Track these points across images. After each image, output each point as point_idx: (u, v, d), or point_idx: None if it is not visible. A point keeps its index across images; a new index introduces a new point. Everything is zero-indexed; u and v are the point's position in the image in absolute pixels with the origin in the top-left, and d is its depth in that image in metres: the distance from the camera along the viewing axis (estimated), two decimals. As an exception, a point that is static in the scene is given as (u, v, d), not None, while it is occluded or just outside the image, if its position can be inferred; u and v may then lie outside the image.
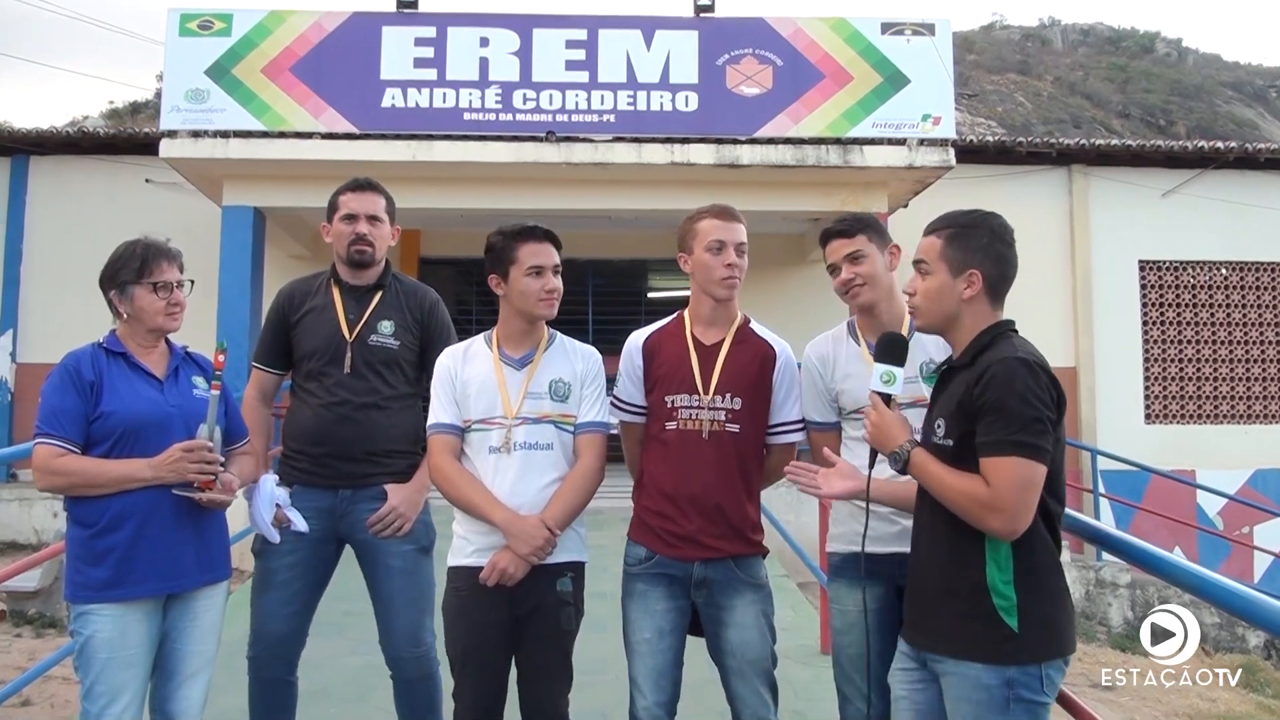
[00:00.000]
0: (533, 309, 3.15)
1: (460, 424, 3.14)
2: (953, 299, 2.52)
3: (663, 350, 3.21)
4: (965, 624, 2.40)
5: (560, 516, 3.07)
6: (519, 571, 3.02)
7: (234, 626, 3.64)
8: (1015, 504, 2.28)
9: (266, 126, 10.21)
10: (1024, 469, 2.28)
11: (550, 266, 3.15)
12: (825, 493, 2.80)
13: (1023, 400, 2.30)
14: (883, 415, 2.59)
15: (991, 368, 2.36)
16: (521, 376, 3.16)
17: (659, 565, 3.10)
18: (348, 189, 3.68)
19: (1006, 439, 2.29)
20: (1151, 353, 13.76)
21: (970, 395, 2.37)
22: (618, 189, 10.71)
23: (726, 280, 3.14)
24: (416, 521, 3.57)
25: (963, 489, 2.35)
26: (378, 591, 3.56)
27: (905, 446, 2.52)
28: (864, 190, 10.76)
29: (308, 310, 3.64)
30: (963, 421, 2.40)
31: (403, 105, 10.30)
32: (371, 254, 3.64)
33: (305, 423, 3.56)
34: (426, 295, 3.76)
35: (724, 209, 3.22)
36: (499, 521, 3.01)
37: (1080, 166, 13.78)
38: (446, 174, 10.46)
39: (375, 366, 3.57)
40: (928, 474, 2.45)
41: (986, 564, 2.37)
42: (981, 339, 2.49)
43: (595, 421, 3.20)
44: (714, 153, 10.31)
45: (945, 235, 2.56)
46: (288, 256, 12.53)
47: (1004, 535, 2.32)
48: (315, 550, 3.53)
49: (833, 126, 10.48)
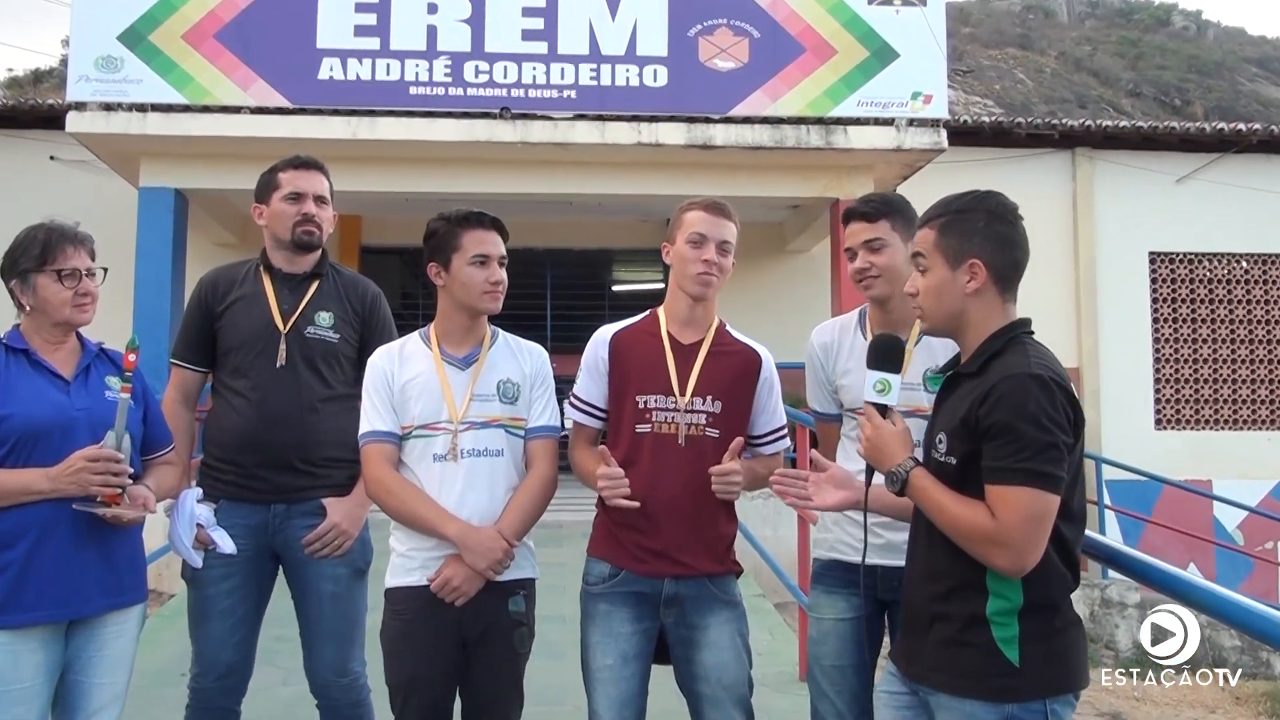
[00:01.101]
0: (476, 302, 3.15)
1: (398, 431, 3.14)
2: (956, 295, 2.45)
3: (634, 348, 3.22)
4: (960, 656, 2.37)
5: (517, 528, 3.08)
6: (471, 588, 3.02)
7: (151, 655, 3.61)
8: (1023, 539, 2.23)
9: (188, 99, 10.13)
10: (1034, 501, 2.22)
11: (496, 257, 3.16)
12: (818, 505, 2.72)
13: (1035, 423, 2.23)
14: (879, 430, 2.49)
15: (1001, 384, 2.28)
16: (466, 377, 3.16)
17: (625, 583, 3.11)
18: (290, 166, 3.67)
19: (1015, 466, 2.23)
20: (1163, 353, 13.93)
21: (975, 413, 2.31)
22: (579, 172, 10.72)
23: (700, 276, 3.14)
24: (354, 540, 3.56)
25: (966, 520, 2.29)
26: (305, 615, 3.55)
27: (904, 466, 2.43)
28: (848, 174, 10.83)
29: (235, 299, 3.61)
30: (967, 440, 2.34)
31: (341, 77, 10.26)
32: (319, 237, 3.64)
33: (231, 427, 3.52)
34: (368, 287, 3.75)
35: (716, 203, 3.22)
36: (453, 535, 3.01)
37: (1085, 150, 13.95)
38: (390, 154, 10.43)
39: (312, 361, 3.55)
40: (928, 500, 2.38)
41: (989, 593, 2.34)
42: (992, 343, 2.42)
43: (548, 426, 3.22)
44: (685, 132, 10.35)
45: (938, 224, 2.50)
46: (213, 244, 12.43)
47: (1010, 573, 2.28)
48: (253, 570, 3.51)
49: (814, 105, 10.54)
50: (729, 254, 3.19)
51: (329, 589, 3.50)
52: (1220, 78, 35.76)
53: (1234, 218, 13.85)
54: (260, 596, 3.57)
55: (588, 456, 3.25)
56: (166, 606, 7.04)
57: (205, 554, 3.39)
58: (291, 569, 3.55)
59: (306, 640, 3.55)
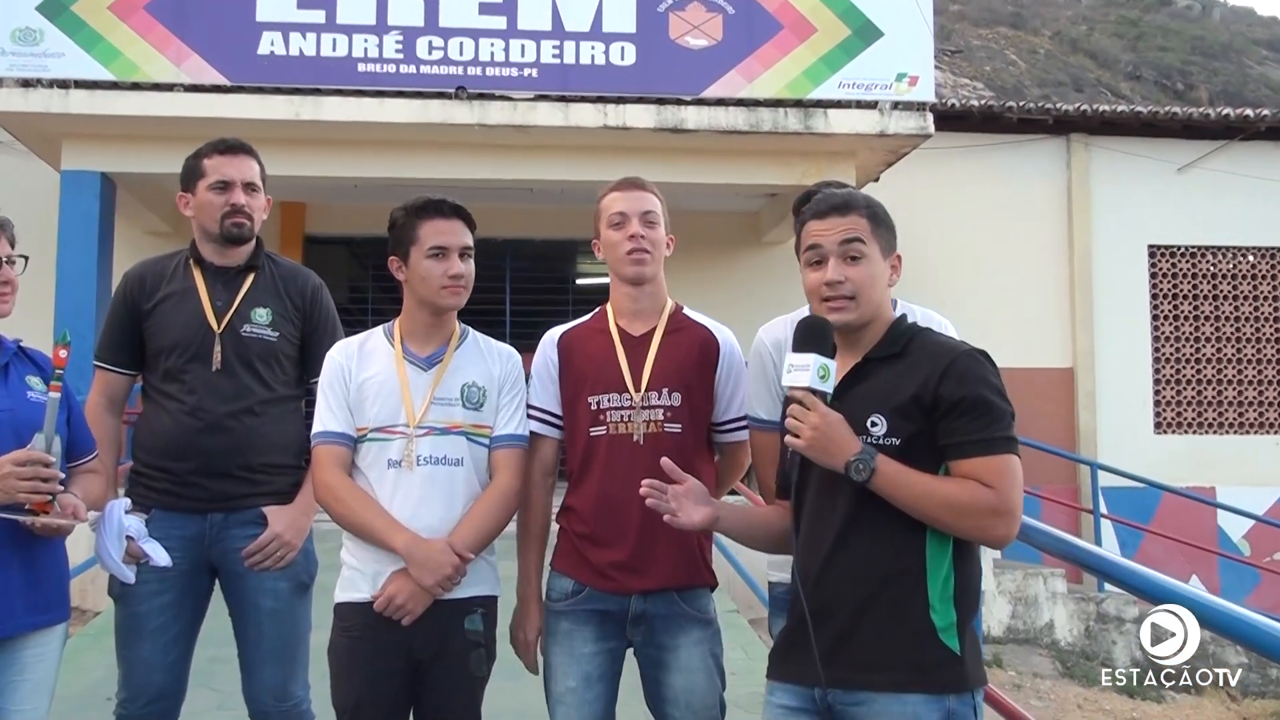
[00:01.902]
0: (434, 297, 3.15)
1: (352, 433, 3.13)
2: (882, 287, 2.63)
3: (582, 346, 3.24)
4: (905, 649, 2.41)
5: (471, 541, 3.07)
6: (417, 606, 3.01)
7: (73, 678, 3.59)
8: (1018, 504, 2.39)
9: (116, 76, 10.03)
10: (1018, 467, 2.41)
11: (457, 248, 3.16)
12: (684, 522, 2.73)
13: (1000, 394, 2.43)
14: (826, 418, 2.44)
15: (956, 361, 2.45)
16: (428, 379, 3.16)
17: (589, 600, 3.11)
18: (215, 151, 3.65)
19: (998, 436, 2.40)
20: (1163, 352, 14.05)
21: (934, 391, 2.42)
22: (541, 156, 10.70)
23: (632, 255, 3.16)
24: (297, 552, 3.55)
25: (964, 497, 2.37)
26: (243, 633, 3.54)
27: (868, 453, 2.41)
28: (828, 160, 10.85)
29: (164, 297, 3.60)
30: (916, 419, 2.43)
31: (284, 53, 10.18)
32: (250, 228, 3.63)
33: (164, 432, 3.51)
34: (308, 279, 3.75)
35: (627, 180, 3.29)
36: (400, 547, 3.00)
37: (1081, 136, 14.04)
38: (337, 136, 10.37)
39: (250, 362, 3.55)
40: (908, 484, 2.39)
41: (927, 578, 2.43)
42: (902, 328, 2.61)
43: (515, 434, 3.21)
44: (654, 115, 10.34)
45: (867, 214, 2.61)
46: (143, 233, 12.32)
47: (1004, 541, 2.44)
48: (188, 585, 3.49)
49: (792, 86, 10.56)
50: (657, 225, 3.21)
51: (269, 605, 3.49)
52: (1226, 60, 36.06)
53: (1240, 209, 13.94)
54: (195, 613, 3.56)
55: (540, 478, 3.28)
56: (91, 625, 6.97)
57: (137, 568, 3.36)
58: (229, 583, 3.54)
59: (245, 661, 3.54)
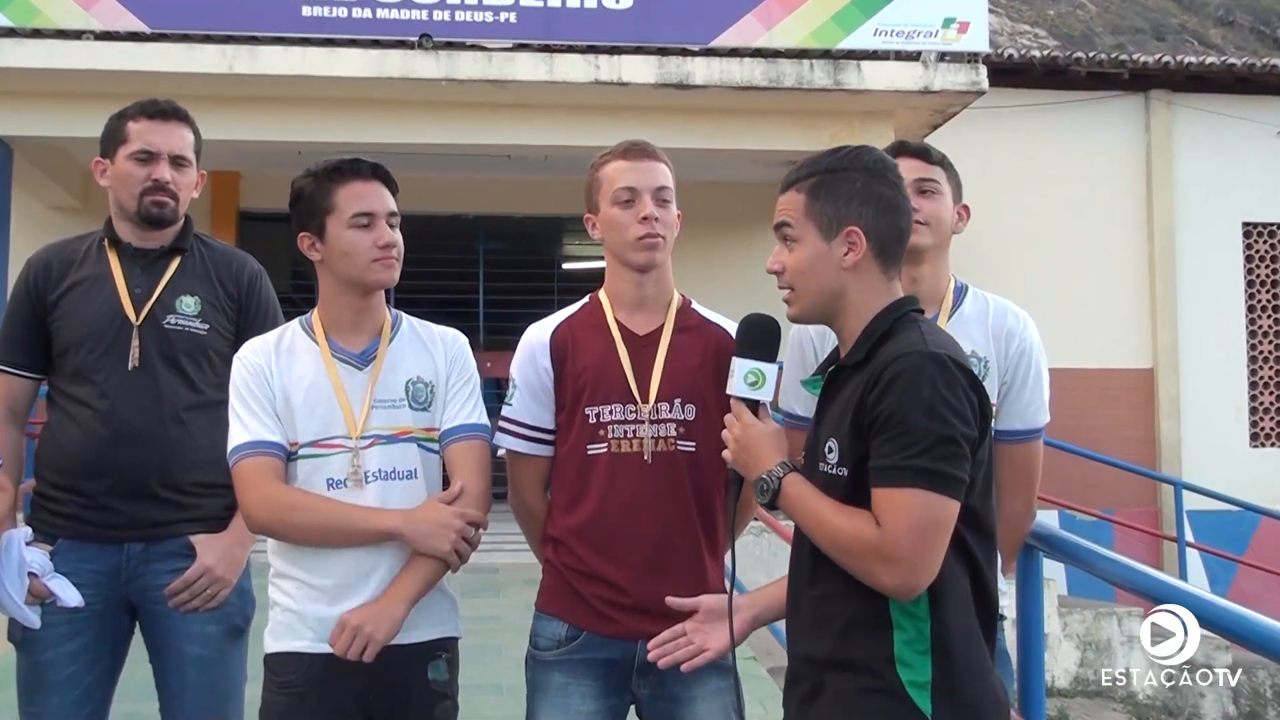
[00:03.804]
0: (363, 274, 3.10)
1: (285, 443, 3.09)
2: (830, 270, 2.55)
3: (579, 346, 3.21)
4: (861, 708, 2.43)
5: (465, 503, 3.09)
6: (386, 630, 2.94)
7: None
8: (912, 551, 2.31)
9: (11, 20, 10.02)
10: (927, 505, 2.31)
11: (383, 214, 3.10)
12: (713, 655, 2.85)
13: (929, 412, 2.32)
14: (748, 429, 2.61)
15: (891, 365, 2.38)
16: (365, 378, 3.13)
17: (587, 647, 3.10)
18: (140, 113, 3.62)
19: (904, 464, 2.32)
20: (1260, 349, 14.08)
21: (864, 404, 2.40)
22: (520, 118, 10.70)
23: (645, 240, 3.15)
24: (231, 590, 3.54)
25: (846, 531, 2.38)
26: (166, 684, 3.54)
27: (775, 472, 2.53)
28: (862, 122, 10.86)
29: (73, 284, 3.59)
30: (858, 442, 2.42)
31: (214, -6, 10.21)
32: (173, 209, 3.61)
33: (72, 445, 3.50)
34: (244, 264, 3.74)
35: (633, 145, 3.24)
36: (397, 527, 2.98)
37: (1162, 93, 14.05)
38: (277, 92, 10.40)
39: (175, 360, 3.54)
40: (804, 510, 2.48)
41: (893, 625, 2.41)
42: (877, 325, 2.52)
43: (471, 425, 3.18)
44: (655, 68, 10.35)
45: (807, 185, 2.59)
46: (47, 208, 12.37)
47: (899, 593, 2.36)
48: (103, 629, 3.49)
49: (819, 34, 10.56)
50: (670, 203, 3.20)
51: (196, 652, 3.49)
52: (1338, 2, 36.04)
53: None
54: (113, 661, 3.55)
55: (534, 493, 3.27)
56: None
57: (42, 609, 3.35)
58: (151, 626, 3.54)
59: (168, 716, 3.54)
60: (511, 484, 3.31)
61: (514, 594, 7.54)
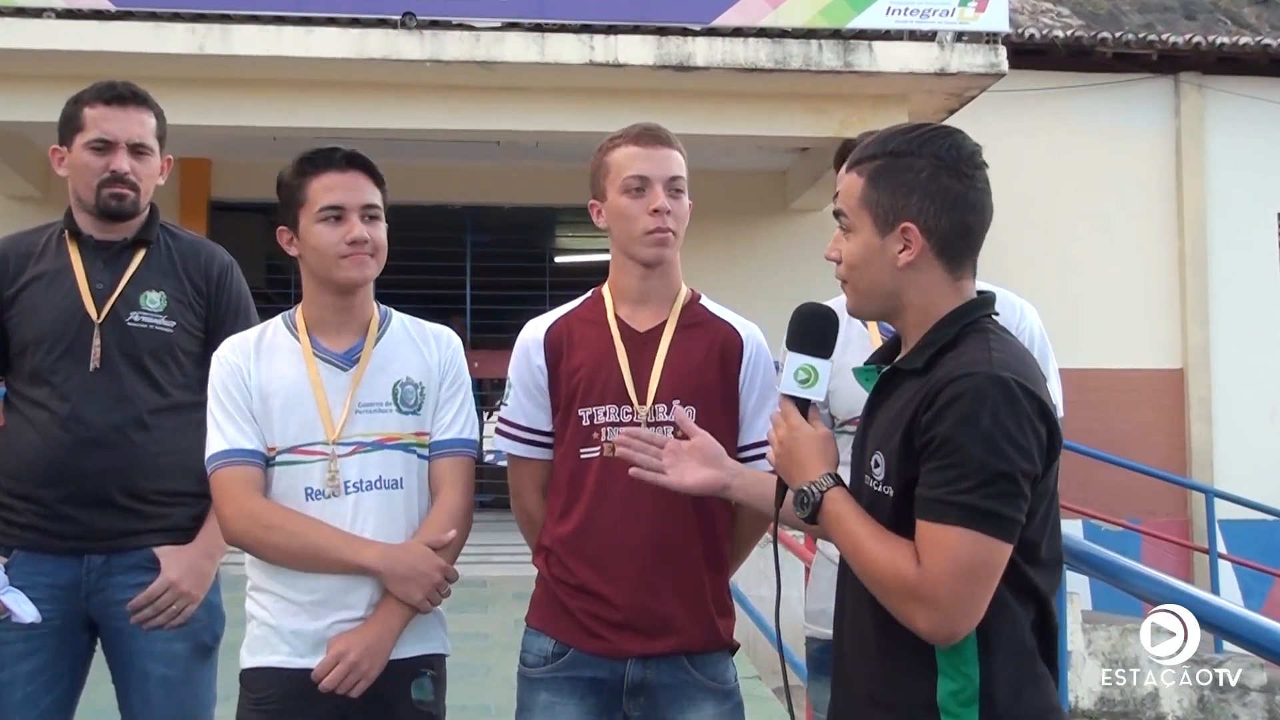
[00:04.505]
0: (331, 271, 3.09)
1: (264, 450, 3.10)
2: (886, 268, 2.43)
3: (575, 344, 3.20)
4: None
5: (447, 553, 3.09)
6: (375, 665, 2.96)
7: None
8: (952, 597, 2.21)
9: (-32, -2, 10.03)
10: (973, 547, 2.20)
11: (356, 206, 3.08)
12: (673, 482, 2.81)
13: (989, 444, 2.19)
14: (794, 431, 2.49)
15: (950, 386, 2.25)
16: (348, 379, 3.13)
17: (574, 664, 3.09)
18: (96, 99, 3.61)
19: (954, 499, 2.21)
20: (1299, 348, 14.02)
21: (917, 423, 2.30)
22: (510, 101, 10.70)
23: (655, 235, 3.13)
24: (198, 606, 3.53)
25: (883, 564, 2.29)
26: (129, 706, 3.53)
27: (819, 485, 2.41)
28: (873, 106, 10.85)
29: (31, 278, 3.58)
30: (909, 461, 2.32)
31: (183, -30, 10.20)
32: (134, 201, 3.59)
33: (29, 451, 3.50)
34: (214, 257, 3.73)
35: (646, 130, 3.22)
36: (373, 563, 2.98)
37: (1193, 76, 14.06)
38: (251, 74, 10.39)
39: (138, 359, 3.53)
40: (844, 532, 2.37)
41: (938, 671, 2.33)
42: (942, 331, 2.40)
43: (459, 440, 3.20)
44: (654, 49, 10.35)
45: (869, 169, 2.46)
46: (6, 197, 12.39)
47: (934, 639, 2.26)
48: (61, 646, 3.48)
49: (828, 12, 10.56)
50: (683, 194, 3.18)
51: (161, 672, 3.48)
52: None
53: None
54: (72, 681, 3.55)
55: (533, 499, 3.27)
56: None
57: None
58: (113, 644, 3.53)
59: (130, 743, 3.53)
60: (511, 487, 3.32)
61: (503, 609, 7.51)
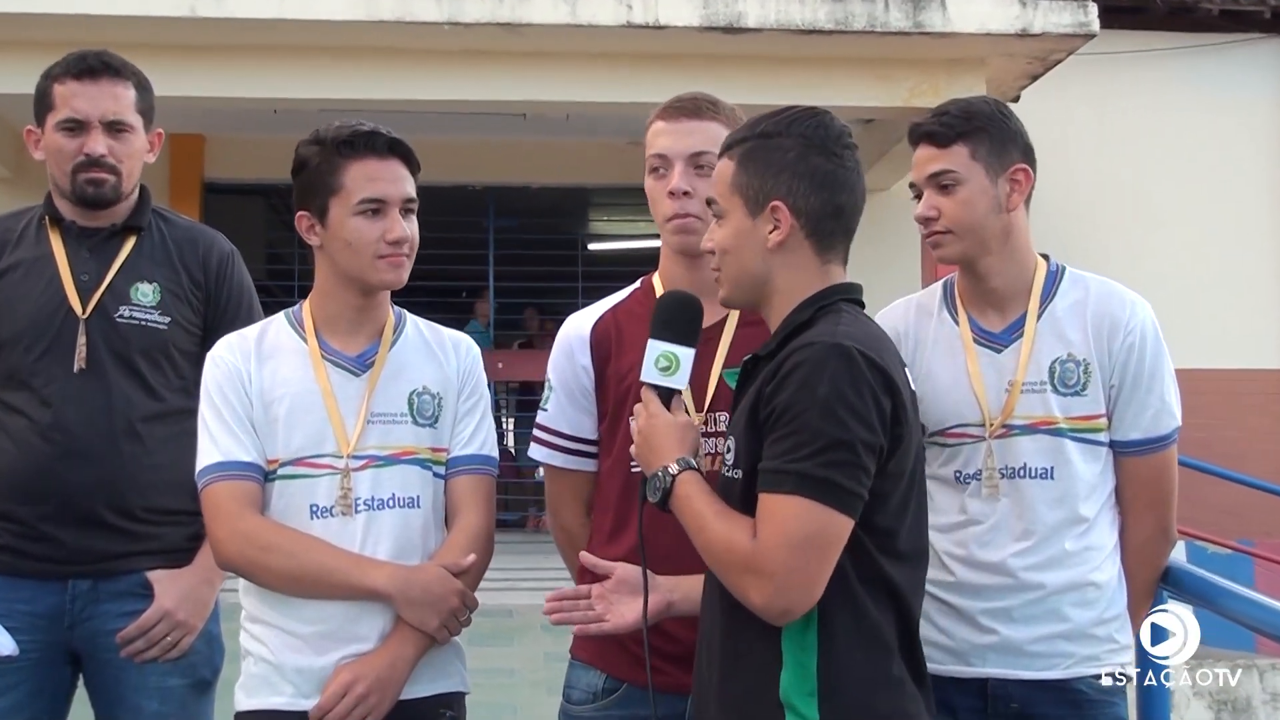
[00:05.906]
0: (365, 272, 3.10)
1: (263, 463, 3.10)
2: (755, 251, 2.63)
3: (626, 342, 3.21)
4: None
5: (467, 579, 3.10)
6: (385, 697, 2.96)
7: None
8: (784, 567, 2.36)
9: (-69, -45, 10.10)
10: (806, 516, 2.35)
11: (398, 200, 3.09)
12: (617, 624, 2.90)
13: (825, 410, 2.36)
14: (654, 419, 2.70)
15: (792, 357, 2.44)
16: (360, 387, 3.15)
17: (626, 701, 3.11)
18: (65, 73, 3.61)
19: (789, 467, 2.38)
20: None
21: (761, 397, 2.48)
22: (538, 69, 10.70)
23: (675, 221, 3.15)
24: (196, 636, 3.55)
25: (721, 539, 2.47)
26: None
27: (671, 469, 2.61)
28: (947, 73, 10.83)
29: (8, 269, 3.61)
30: (754, 441, 2.50)
31: (173, -77, 10.25)
32: (115, 186, 3.60)
33: (6, 462, 3.52)
34: (214, 245, 3.75)
35: (676, 100, 3.23)
36: (383, 586, 2.99)
37: (1310, 36, 13.94)
38: (249, 41, 10.41)
39: (129, 359, 3.55)
40: (691, 514, 2.56)
41: (783, 662, 2.44)
42: (797, 314, 2.59)
43: (479, 455, 3.21)
44: (699, 8, 10.32)
45: (739, 153, 2.65)
46: (-24, 180, 12.43)
47: (768, 614, 2.41)
48: (43, 681, 3.50)
49: (897, -35, 10.53)
50: (709, 170, 3.13)
51: (155, 709, 3.50)
52: None
53: None
54: (53, 718, 3.56)
55: (575, 514, 3.29)
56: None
57: None
58: (99, 678, 3.56)
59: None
60: (549, 503, 3.34)
61: (531, 641, 7.44)
